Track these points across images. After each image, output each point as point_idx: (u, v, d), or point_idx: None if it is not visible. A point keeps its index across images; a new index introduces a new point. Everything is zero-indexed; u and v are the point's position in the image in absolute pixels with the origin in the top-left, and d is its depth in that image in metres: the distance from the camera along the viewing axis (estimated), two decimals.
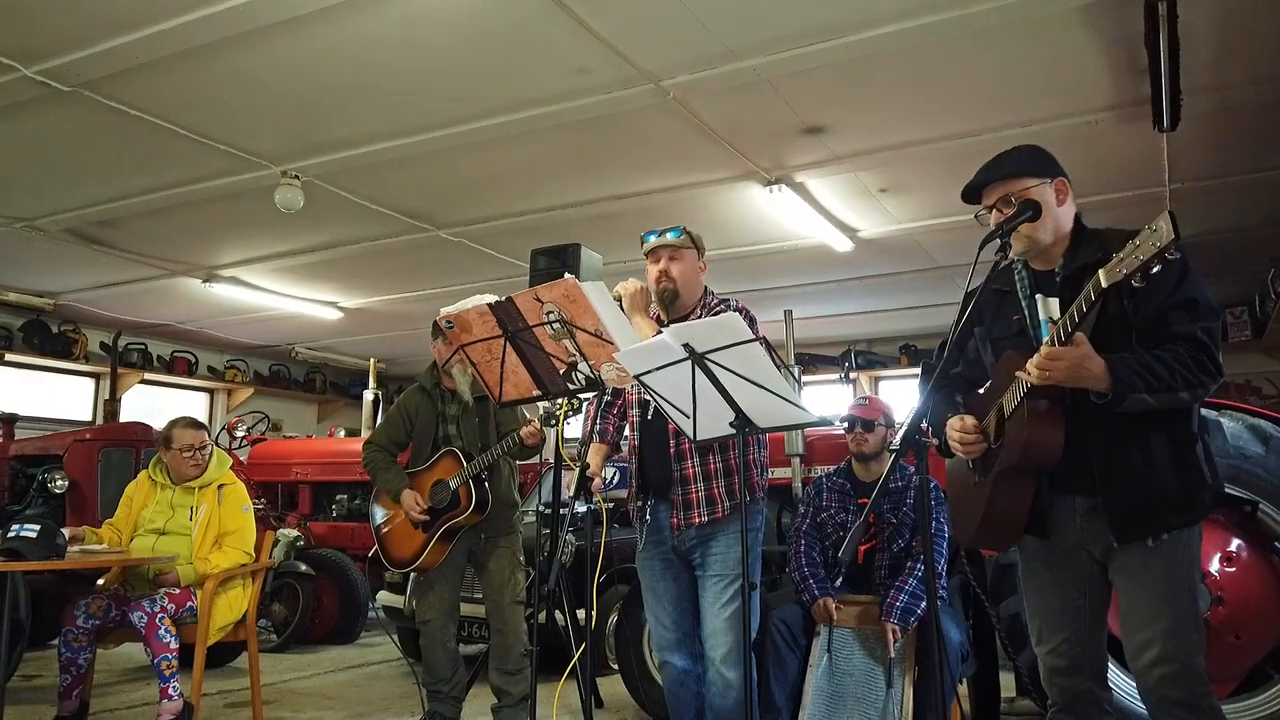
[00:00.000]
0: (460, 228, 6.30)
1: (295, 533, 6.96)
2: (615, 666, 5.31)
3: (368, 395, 8.87)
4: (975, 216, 2.43)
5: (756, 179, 5.30)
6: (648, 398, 3.08)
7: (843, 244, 6.31)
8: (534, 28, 3.70)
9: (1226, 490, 2.96)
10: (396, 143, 4.82)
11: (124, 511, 4.26)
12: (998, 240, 2.25)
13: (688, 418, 2.32)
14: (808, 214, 5.72)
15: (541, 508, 5.58)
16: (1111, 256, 1.89)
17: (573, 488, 2.90)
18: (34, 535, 3.14)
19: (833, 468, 3.97)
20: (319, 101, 4.40)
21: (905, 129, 4.73)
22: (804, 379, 10.04)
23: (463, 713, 4.25)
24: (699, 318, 3.06)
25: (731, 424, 2.26)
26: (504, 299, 2.62)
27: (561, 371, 2.63)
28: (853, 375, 10.17)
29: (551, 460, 4.37)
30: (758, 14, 3.62)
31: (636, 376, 2.34)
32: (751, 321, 3.07)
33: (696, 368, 2.18)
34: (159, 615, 3.81)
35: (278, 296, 8.19)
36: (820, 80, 4.18)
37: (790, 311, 4.96)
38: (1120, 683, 3.10)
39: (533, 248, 6.74)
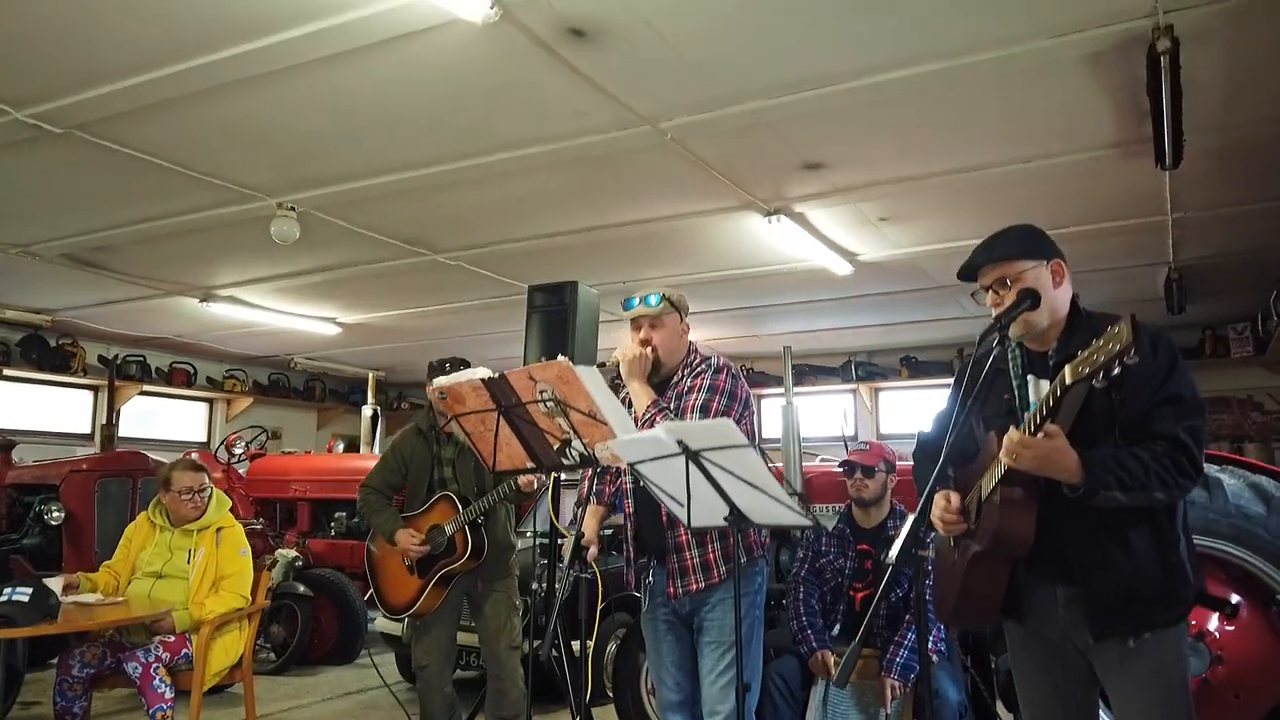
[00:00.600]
0: (458, 252, 6.26)
1: (294, 553, 6.96)
2: (611, 695, 5.31)
3: (366, 411, 8.86)
4: (972, 295, 2.41)
5: (756, 209, 5.26)
6: None
7: (842, 268, 6.28)
8: (530, 75, 3.65)
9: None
10: (394, 177, 4.78)
11: (122, 554, 4.26)
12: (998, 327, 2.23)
13: (682, 507, 2.29)
14: (807, 241, 5.68)
15: (537, 535, 5.56)
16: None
17: (567, 556, 2.87)
18: (26, 599, 3.12)
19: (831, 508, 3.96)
20: (314, 140, 4.36)
21: (906, 165, 4.69)
22: (806, 389, 10.02)
23: None
24: (682, 379, 3.05)
25: (726, 519, 2.24)
26: (498, 376, 2.59)
27: (555, 448, 2.60)
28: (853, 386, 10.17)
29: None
30: (757, 61, 3.58)
31: (630, 464, 2.31)
32: (734, 379, 3.06)
33: (690, 463, 2.15)
34: (154, 665, 3.79)
35: (276, 314, 8.16)
36: (820, 121, 4.14)
37: (789, 347, 4.93)
38: None
39: (531, 271, 6.81)
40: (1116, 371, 1.77)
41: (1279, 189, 4.85)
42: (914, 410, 10.06)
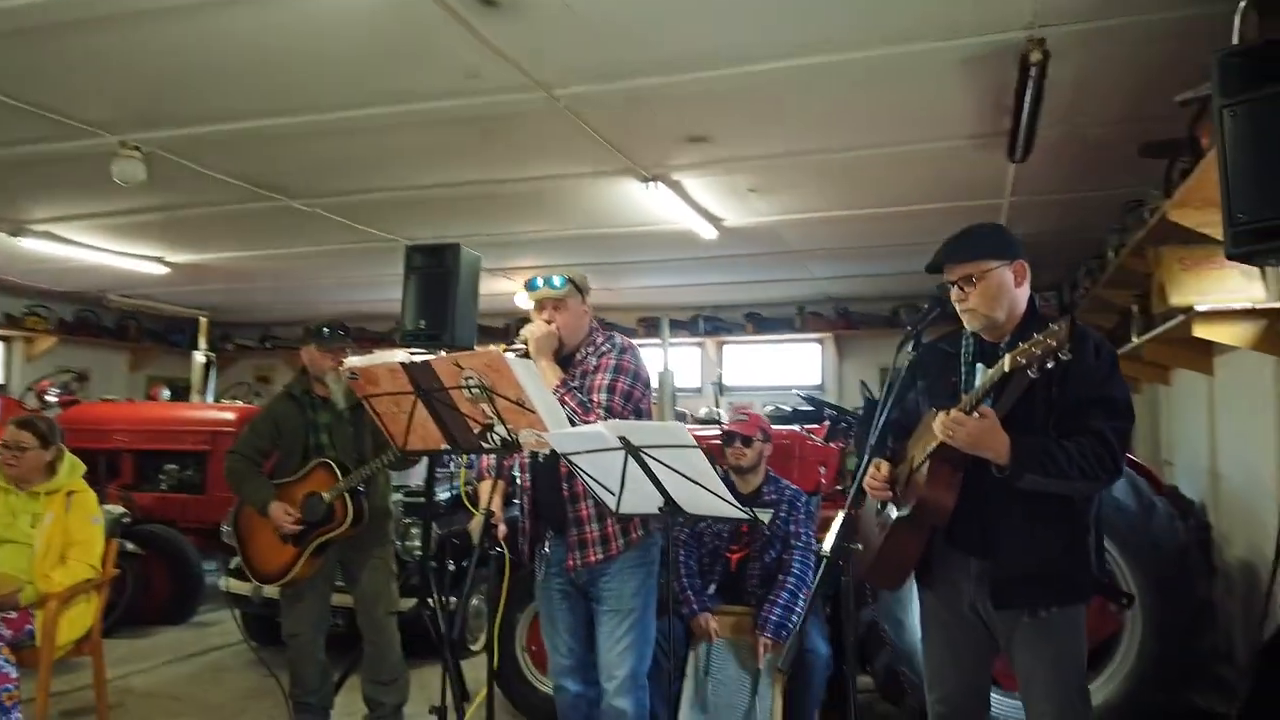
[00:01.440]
0: (316, 199, 5.96)
1: (121, 509, 6.53)
2: (474, 649, 5.38)
3: (198, 357, 8.35)
4: (938, 286, 2.53)
5: (635, 175, 5.30)
6: None
7: (708, 232, 6.43)
8: (425, 34, 3.51)
9: None
10: (259, 123, 4.47)
11: None
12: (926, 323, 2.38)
13: (613, 495, 2.36)
14: (679, 206, 5.79)
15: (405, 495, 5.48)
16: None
17: (476, 534, 2.88)
18: None
19: None
20: (173, 79, 4.01)
21: (781, 143, 4.85)
22: (652, 340, 10.21)
23: None
24: (586, 358, 3.11)
25: (661, 509, 2.32)
26: (420, 361, 2.54)
27: (476, 432, 2.59)
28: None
29: None
30: (657, 39, 3.59)
31: (564, 455, 2.35)
32: (636, 359, 3.15)
33: (630, 457, 2.22)
34: None
35: (97, 252, 7.49)
36: (708, 100, 4.22)
37: (666, 320, 5.04)
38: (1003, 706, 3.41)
39: (395, 222, 6.58)
40: (1050, 365, 1.96)
41: (1104, 181, 5.35)
42: (757, 364, 10.49)
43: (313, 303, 10.26)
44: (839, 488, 4.73)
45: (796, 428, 5.00)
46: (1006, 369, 2.06)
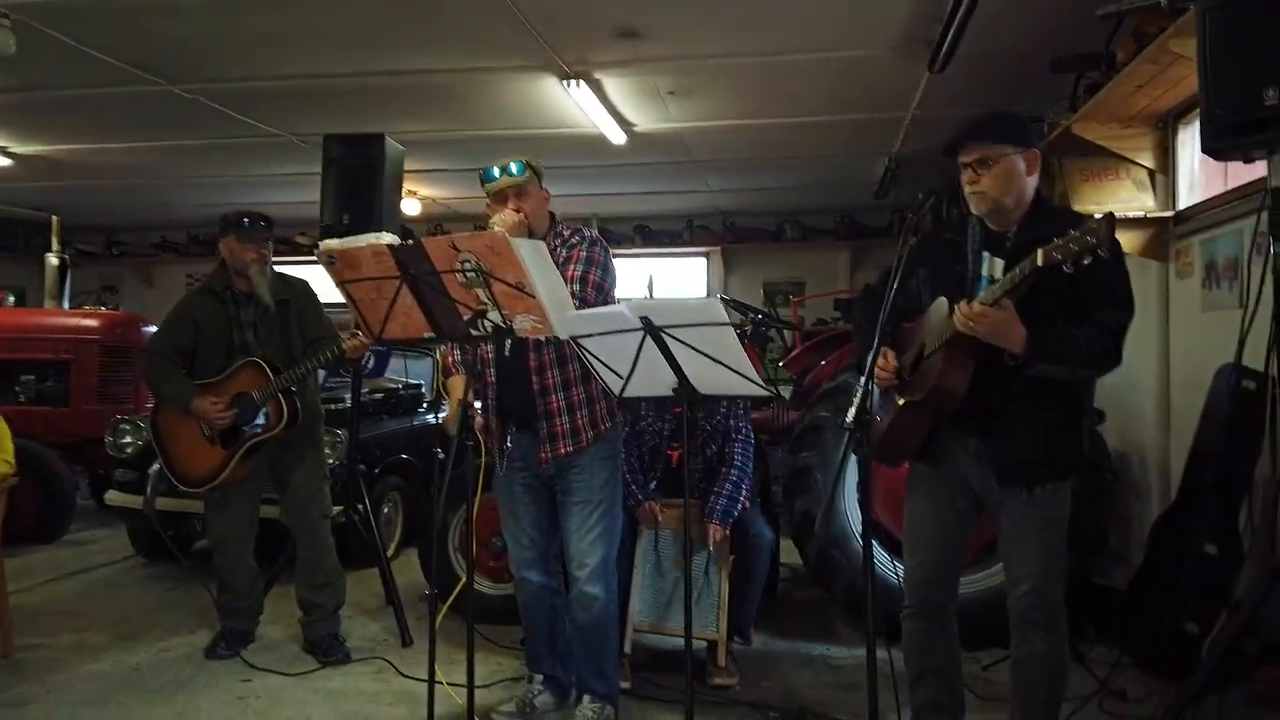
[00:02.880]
0: (200, 84, 5.48)
1: None
2: (388, 555, 5.32)
3: (51, 259, 7.64)
4: (946, 167, 2.56)
5: (555, 71, 5.13)
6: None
7: (618, 137, 6.34)
8: None
9: None
10: None
11: None
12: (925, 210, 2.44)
13: (620, 379, 2.36)
14: (595, 108, 5.66)
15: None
16: (1059, 234, 2.12)
17: (454, 426, 2.82)
18: None
19: None
20: None
21: (708, 42, 4.80)
22: None
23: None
24: (556, 249, 3.04)
25: (674, 390, 2.34)
26: (411, 242, 2.43)
27: (466, 318, 2.52)
28: None
29: None
30: None
31: (573, 338, 2.32)
32: (605, 251, 3.13)
33: (648, 338, 2.21)
34: None
35: None
36: None
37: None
38: None
39: (284, 115, 6.13)
40: (1086, 262, 2.05)
41: (1011, 97, 5.54)
42: (643, 276, 10.50)
43: (171, 204, 9.54)
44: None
45: None
46: (1040, 263, 2.12)
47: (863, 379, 2.27)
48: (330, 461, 4.40)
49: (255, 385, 3.70)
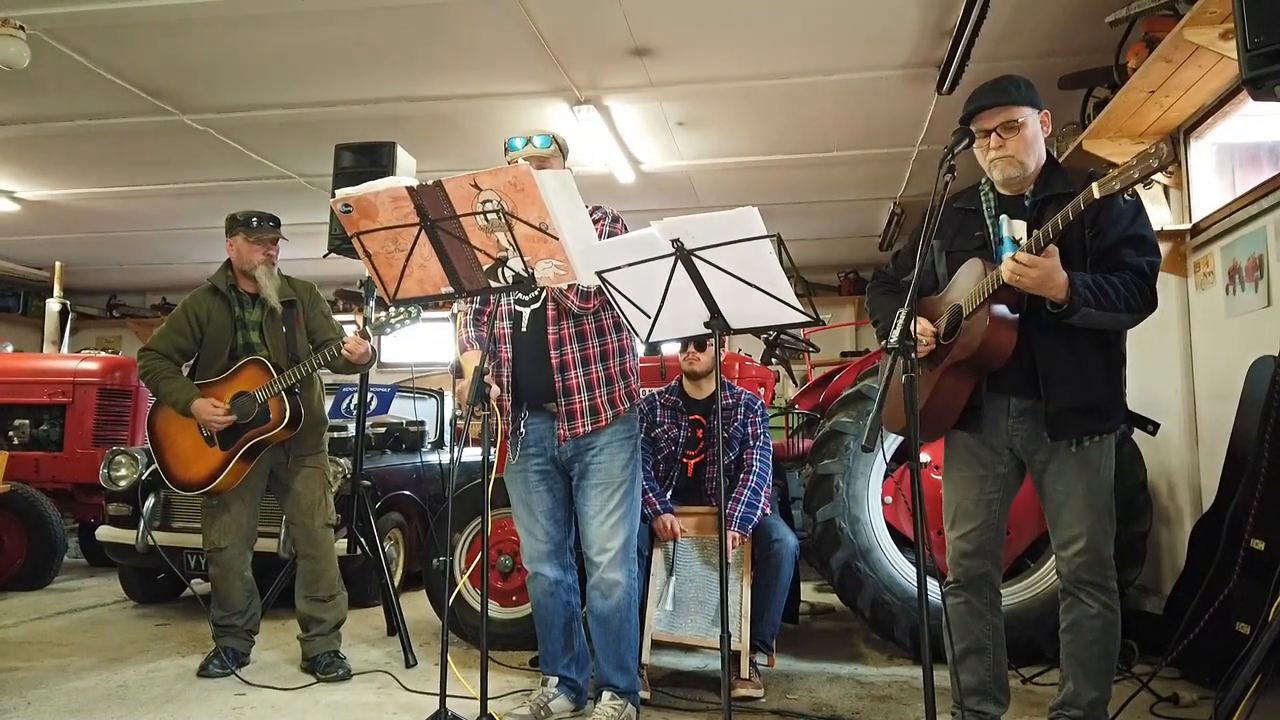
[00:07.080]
0: (211, 114, 5.50)
1: None
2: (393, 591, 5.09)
3: (52, 304, 7.59)
4: (952, 150, 2.48)
5: (566, 96, 5.17)
6: (519, 308, 2.98)
7: (626, 175, 6.37)
8: None
9: None
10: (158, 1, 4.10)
11: None
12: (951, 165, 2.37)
13: (648, 318, 2.25)
14: (604, 139, 5.69)
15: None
16: (1076, 190, 2.13)
17: (469, 395, 2.70)
18: None
19: (662, 387, 4.07)
20: None
21: (722, 63, 4.85)
22: None
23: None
24: None
25: (706, 324, 2.23)
26: (431, 182, 2.35)
27: (486, 267, 2.43)
28: None
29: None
30: None
31: (599, 273, 2.22)
32: (625, 229, 3.06)
33: (680, 264, 2.12)
34: None
35: None
36: (660, 3, 4.17)
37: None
38: None
39: (287, 148, 6.13)
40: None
41: None
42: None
43: (173, 260, 9.52)
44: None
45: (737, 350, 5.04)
46: (1096, 195, 2.09)
47: (904, 312, 2.15)
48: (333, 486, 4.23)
49: (257, 384, 3.59)
